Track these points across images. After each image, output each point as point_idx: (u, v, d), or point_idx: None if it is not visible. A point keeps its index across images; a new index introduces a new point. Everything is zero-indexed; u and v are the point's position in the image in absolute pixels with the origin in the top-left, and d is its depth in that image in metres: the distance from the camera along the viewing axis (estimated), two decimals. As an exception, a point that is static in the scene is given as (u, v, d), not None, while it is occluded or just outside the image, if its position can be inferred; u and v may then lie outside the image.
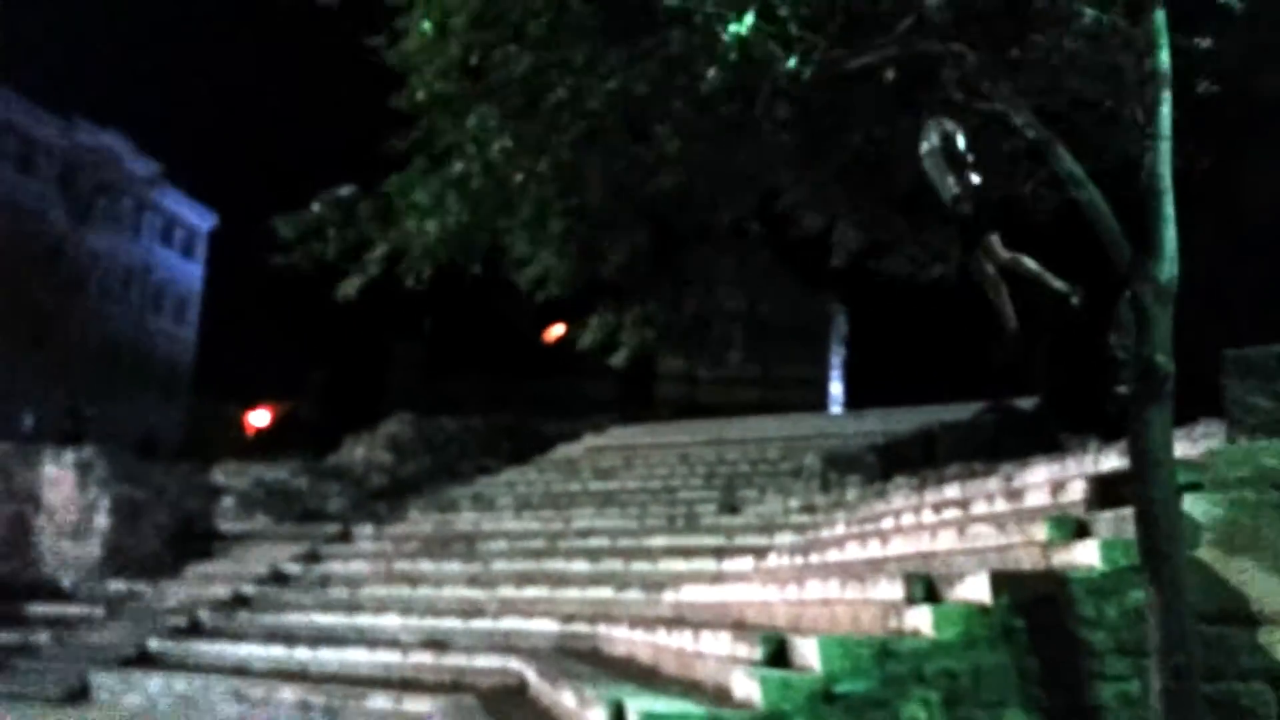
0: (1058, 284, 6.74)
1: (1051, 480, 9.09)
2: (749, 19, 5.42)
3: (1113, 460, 8.95)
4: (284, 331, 50.52)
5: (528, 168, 7.01)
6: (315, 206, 8.00)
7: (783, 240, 8.57)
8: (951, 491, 11.22)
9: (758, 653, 6.52)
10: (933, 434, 20.98)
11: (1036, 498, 8.56)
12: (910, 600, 6.50)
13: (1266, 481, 5.76)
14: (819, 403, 33.85)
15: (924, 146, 6.65)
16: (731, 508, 17.85)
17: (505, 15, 6.76)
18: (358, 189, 7.97)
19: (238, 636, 17.01)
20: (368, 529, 21.61)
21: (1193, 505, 5.83)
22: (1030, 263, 6.92)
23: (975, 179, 6.49)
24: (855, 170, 7.96)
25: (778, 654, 6.42)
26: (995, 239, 6.88)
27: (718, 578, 12.82)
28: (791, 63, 5.57)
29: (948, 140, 6.51)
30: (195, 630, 17.79)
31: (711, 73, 5.93)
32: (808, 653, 5.93)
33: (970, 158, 6.49)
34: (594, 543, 17.43)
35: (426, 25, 6.59)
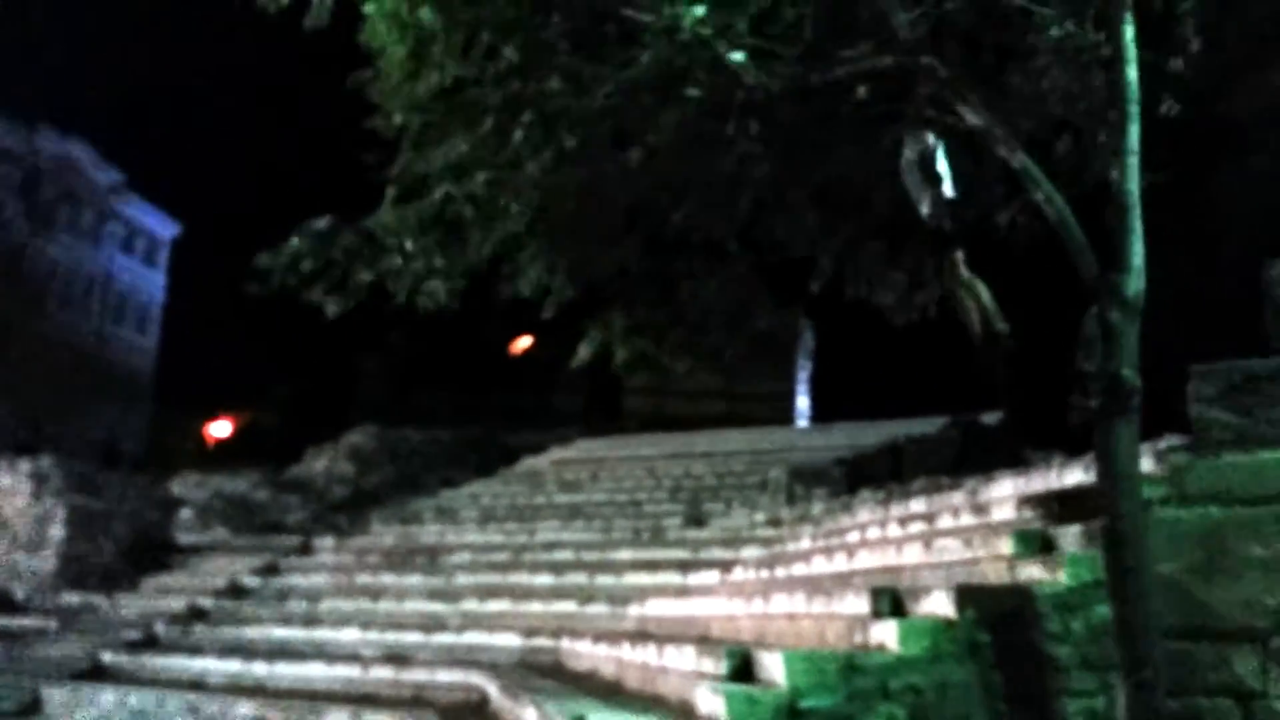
0: (999, 325, 6.80)
1: (1017, 494, 9.09)
2: (699, 10, 5.36)
3: (1077, 475, 8.96)
4: (247, 342, 50.01)
5: (511, 189, 6.94)
6: (294, 241, 7.89)
7: (760, 257, 8.58)
8: (917, 505, 11.21)
9: (722, 667, 6.44)
10: (898, 448, 21.06)
11: (1002, 512, 8.56)
12: (876, 614, 6.46)
13: (1232, 497, 5.76)
14: (785, 417, 33.87)
15: (903, 159, 6.64)
16: (697, 521, 17.77)
17: (479, 37, 6.70)
18: (334, 221, 7.88)
19: (194, 650, 16.69)
20: (328, 541, 21.32)
21: (1158, 520, 5.81)
22: (984, 292, 6.96)
23: (949, 194, 6.50)
24: (831, 194, 7.97)
25: (742, 669, 6.35)
26: (960, 256, 6.92)
27: (683, 591, 12.74)
28: (743, 65, 5.50)
29: (924, 155, 6.51)
30: (151, 644, 17.44)
31: (693, 91, 5.91)
32: (773, 667, 5.86)
33: (945, 173, 6.49)
34: (559, 556, 17.28)
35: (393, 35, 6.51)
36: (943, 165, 6.45)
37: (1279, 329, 5.92)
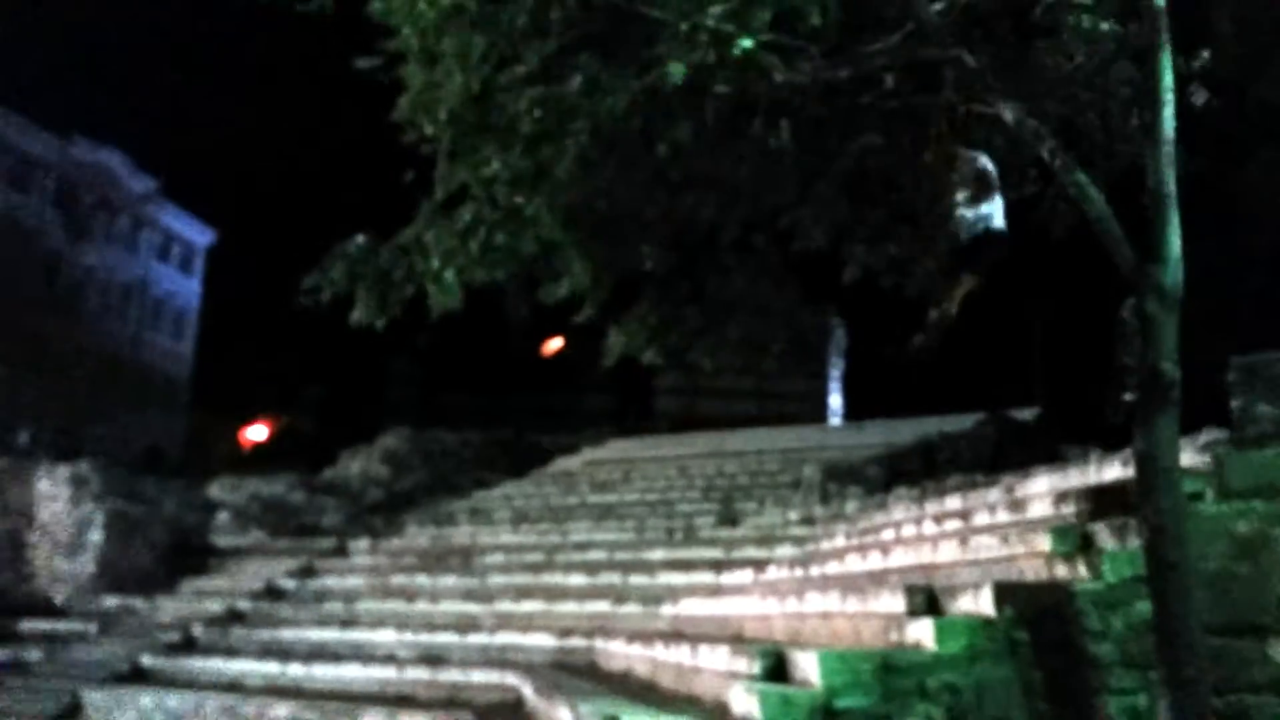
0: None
1: (1054, 490, 8.98)
2: (716, 9, 5.31)
3: (1115, 470, 8.85)
4: (281, 346, 50.31)
5: (542, 195, 6.93)
6: (336, 264, 7.90)
7: (785, 254, 8.51)
8: (952, 503, 11.11)
9: (756, 667, 6.39)
10: (932, 445, 20.93)
11: (1039, 508, 8.45)
12: (912, 613, 6.38)
13: (1275, 490, 5.64)
14: (818, 415, 33.74)
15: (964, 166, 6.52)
16: (730, 520, 17.71)
17: (495, 42, 6.69)
18: (370, 240, 7.90)
19: (232, 652, 16.82)
20: (363, 543, 21.44)
21: (1200, 515, 5.72)
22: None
23: (999, 224, 6.40)
24: (860, 185, 7.90)
25: (777, 668, 6.30)
26: (963, 288, 6.84)
27: (716, 591, 12.69)
28: (769, 63, 5.44)
29: (980, 173, 6.40)
30: (189, 646, 17.60)
31: (720, 88, 5.86)
32: (807, 667, 5.81)
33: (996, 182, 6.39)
34: (592, 556, 17.28)
35: (409, 34, 6.51)
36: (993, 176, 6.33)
37: (1322, 319, 5.79)
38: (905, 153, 7.60)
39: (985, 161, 6.63)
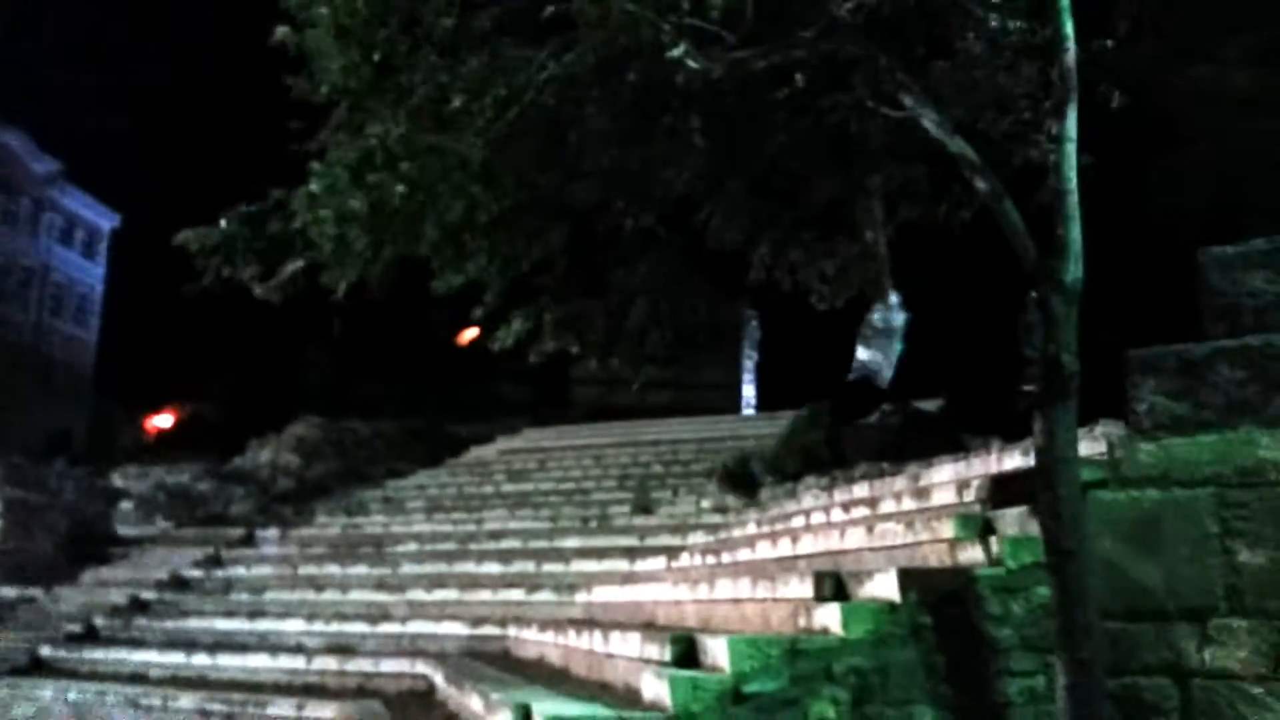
0: None
1: (957, 479, 9.18)
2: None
3: (1016, 459, 9.08)
4: (188, 333, 49.15)
5: (440, 171, 6.82)
6: (222, 223, 7.72)
7: (697, 246, 8.53)
8: (860, 491, 11.30)
9: (667, 653, 6.44)
10: (841, 435, 21.20)
11: (943, 496, 8.63)
12: (820, 598, 6.48)
13: (1170, 479, 5.84)
14: (732, 406, 33.98)
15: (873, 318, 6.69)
16: (644, 509, 17.80)
17: (407, 12, 6.59)
18: (262, 204, 7.71)
19: (135, 643, 16.48)
20: (272, 532, 21.11)
21: (1096, 502, 5.89)
22: None
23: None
24: (769, 183, 7.95)
25: (687, 654, 6.36)
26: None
27: (630, 578, 12.75)
28: (678, 49, 5.44)
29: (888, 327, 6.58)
30: (91, 637, 17.20)
31: (630, 77, 5.86)
32: (717, 652, 5.87)
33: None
34: (506, 544, 17.25)
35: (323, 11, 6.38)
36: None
37: (1213, 315, 6.00)
38: (814, 154, 7.69)
39: (899, 316, 6.80)
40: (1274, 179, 14.13)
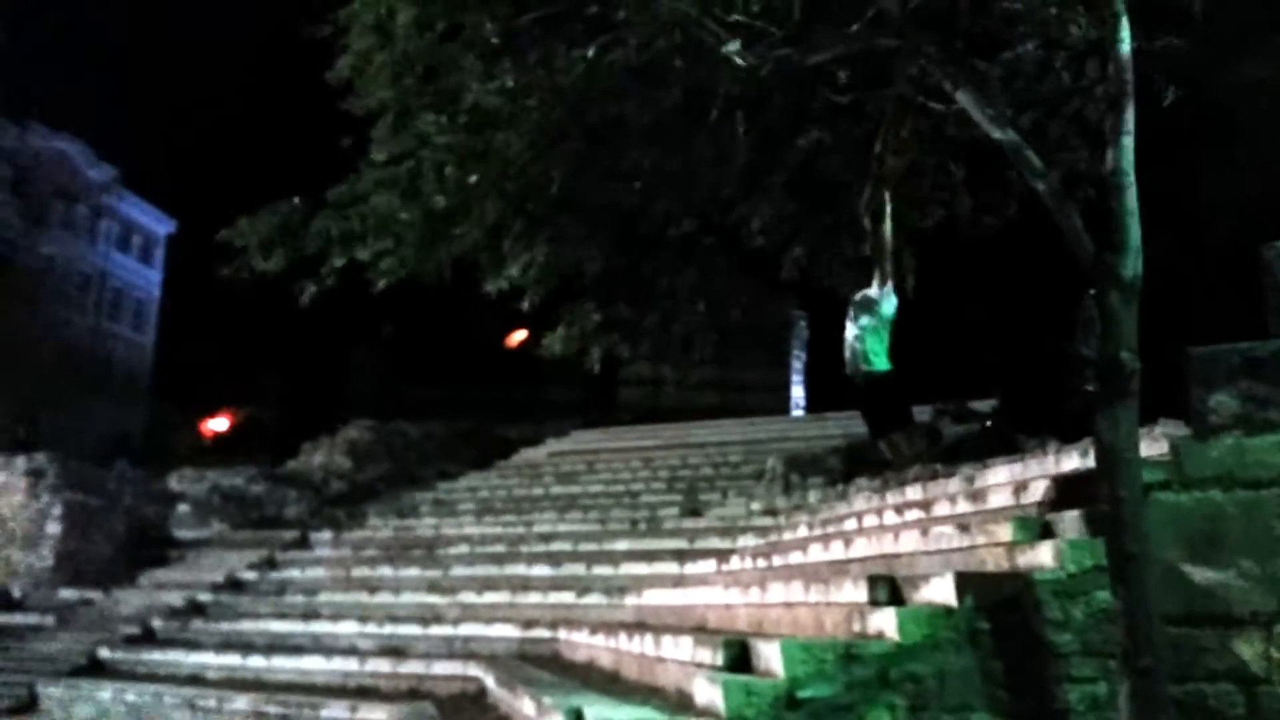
0: None
1: (1013, 481, 9.03)
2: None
3: (1073, 460, 8.91)
4: (243, 337, 49.80)
5: (484, 176, 6.84)
6: (265, 218, 7.80)
7: (741, 247, 8.50)
8: (913, 493, 11.14)
9: (720, 658, 6.38)
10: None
11: (999, 498, 8.49)
12: (874, 603, 6.39)
13: (1233, 480, 5.70)
14: (780, 407, 33.81)
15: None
16: (694, 511, 17.73)
17: (445, 14, 6.61)
18: (302, 202, 7.78)
19: (192, 645, 16.68)
20: (326, 535, 21.30)
21: (1158, 504, 5.76)
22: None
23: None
24: (807, 184, 7.90)
25: (740, 659, 6.29)
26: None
27: (680, 581, 12.69)
28: (733, 45, 5.40)
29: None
30: (148, 639, 17.44)
31: (675, 74, 5.83)
32: (770, 657, 5.80)
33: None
34: (556, 547, 17.25)
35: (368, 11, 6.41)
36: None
37: (1278, 311, 5.85)
38: (852, 155, 7.63)
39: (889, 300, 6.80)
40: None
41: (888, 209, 7.27)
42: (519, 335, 39.40)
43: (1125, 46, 5.49)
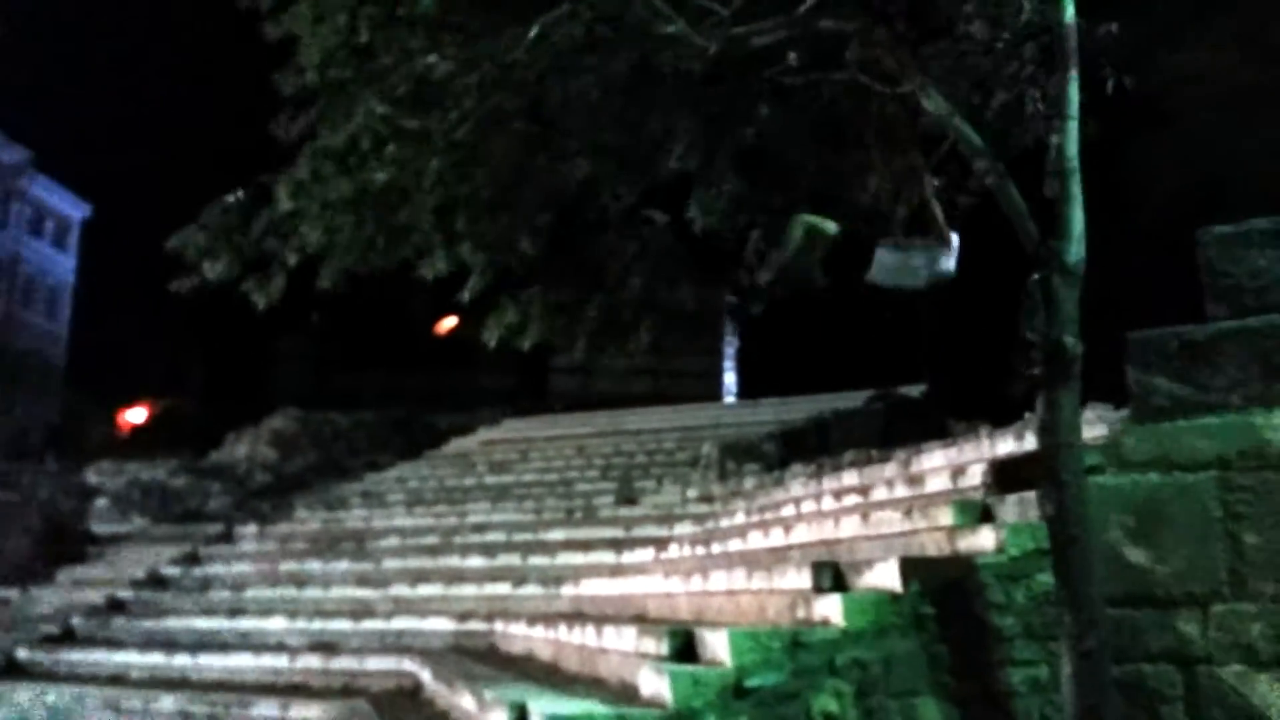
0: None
1: (950, 465, 9.12)
2: None
3: (1009, 444, 9.02)
4: (162, 325, 48.70)
5: (426, 156, 6.66)
6: (205, 220, 7.53)
7: (684, 231, 8.40)
8: (850, 478, 11.22)
9: (664, 647, 6.32)
10: (826, 421, 21.19)
11: (936, 483, 8.57)
12: (818, 589, 6.38)
13: (1170, 463, 5.77)
14: (713, 393, 33.86)
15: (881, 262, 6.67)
16: (629, 499, 17.67)
17: None
18: (245, 196, 7.53)
19: (114, 644, 16.23)
20: (251, 528, 20.86)
21: (1096, 488, 5.80)
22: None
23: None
24: (759, 165, 7.83)
25: (685, 648, 6.23)
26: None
27: (618, 570, 12.63)
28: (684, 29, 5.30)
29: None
30: (68, 638, 16.93)
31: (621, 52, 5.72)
32: (717, 646, 5.75)
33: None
34: (490, 538, 17.07)
35: None
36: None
37: (1215, 295, 5.92)
38: (803, 136, 7.58)
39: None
40: (1255, 159, 14.16)
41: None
42: (449, 322, 39.03)
43: (1072, 32, 5.50)
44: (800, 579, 6.67)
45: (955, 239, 6.82)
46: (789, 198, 8.20)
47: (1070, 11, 5.54)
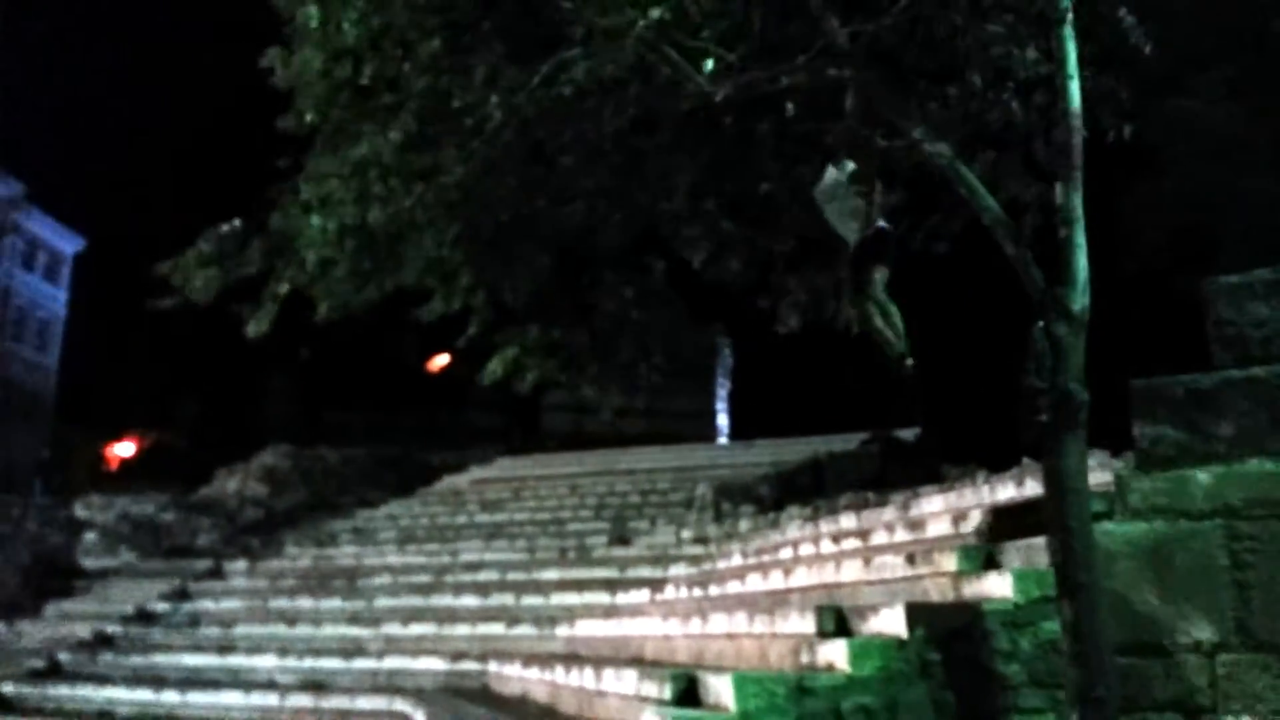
0: (898, 346, 6.87)
1: (950, 510, 9.10)
2: (655, 12, 5.20)
3: (1009, 490, 9.02)
4: (152, 359, 48.53)
5: (424, 195, 6.69)
6: (202, 246, 7.56)
7: (679, 273, 8.47)
8: (848, 521, 11.19)
9: (666, 691, 6.28)
10: (820, 464, 21.14)
11: (938, 527, 8.54)
12: (822, 634, 6.35)
13: (1177, 511, 5.75)
14: (706, 434, 33.93)
15: (824, 181, 6.63)
16: (623, 539, 17.60)
17: (397, 32, 6.48)
18: (243, 224, 7.56)
19: (101, 679, 16.05)
20: (241, 565, 20.72)
21: (1102, 535, 5.80)
22: (895, 314, 6.99)
23: (880, 221, 6.54)
24: (755, 209, 7.89)
25: (687, 692, 6.19)
26: (880, 277, 6.92)
27: (612, 611, 12.55)
28: (709, 65, 5.34)
29: (853, 176, 6.50)
30: (55, 673, 16.74)
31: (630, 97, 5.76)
32: (721, 690, 5.72)
33: (878, 191, 6.47)
34: (483, 577, 16.97)
35: (313, 13, 6.23)
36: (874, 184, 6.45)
37: (1220, 344, 5.94)
38: (800, 182, 7.63)
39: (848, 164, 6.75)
40: (1246, 209, 14.27)
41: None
42: (441, 360, 39.01)
43: (1075, 84, 5.56)
44: (803, 623, 6.64)
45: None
46: (782, 240, 8.26)
47: (1072, 61, 5.60)
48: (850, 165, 6.77)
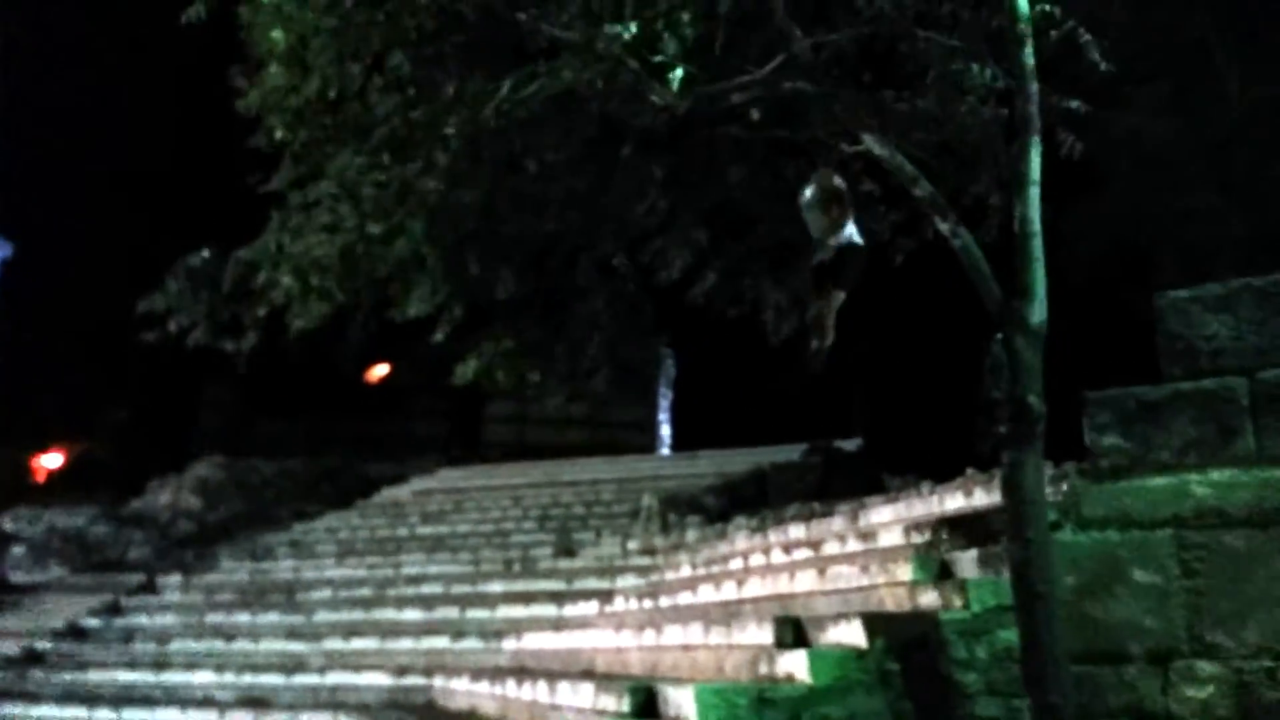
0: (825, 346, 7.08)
1: (900, 520, 9.19)
2: (632, 28, 5.20)
3: (958, 500, 9.13)
4: (80, 367, 47.42)
5: (399, 207, 6.65)
6: (172, 282, 7.47)
7: (645, 281, 8.50)
8: (797, 532, 11.22)
9: (625, 704, 6.25)
10: (764, 475, 21.20)
11: (890, 537, 8.60)
12: (780, 644, 6.37)
13: (1128, 521, 5.87)
14: (649, 445, 33.82)
15: (805, 193, 6.68)
16: (568, 551, 17.49)
17: (365, 45, 6.43)
18: (212, 254, 7.48)
19: (31, 698, 15.60)
20: (175, 579, 20.27)
21: (1057, 545, 5.88)
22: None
23: (854, 234, 6.61)
24: (722, 217, 7.95)
25: (646, 705, 6.17)
26: (836, 301, 7.03)
27: (560, 624, 12.48)
28: (678, 73, 5.34)
29: (833, 187, 6.58)
30: (-20, 692, 16.25)
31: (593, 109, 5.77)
32: (682, 703, 5.71)
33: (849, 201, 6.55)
34: (426, 590, 16.76)
35: (278, 35, 6.15)
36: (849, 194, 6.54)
37: (1170, 357, 6.07)
38: (766, 188, 7.70)
39: (839, 179, 6.81)
40: (1185, 223, 14.64)
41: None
42: (380, 369, 38.59)
43: (1033, 96, 5.65)
44: (761, 634, 6.65)
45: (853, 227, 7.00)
46: (748, 249, 8.32)
47: (1030, 73, 5.69)
48: (835, 177, 6.86)
